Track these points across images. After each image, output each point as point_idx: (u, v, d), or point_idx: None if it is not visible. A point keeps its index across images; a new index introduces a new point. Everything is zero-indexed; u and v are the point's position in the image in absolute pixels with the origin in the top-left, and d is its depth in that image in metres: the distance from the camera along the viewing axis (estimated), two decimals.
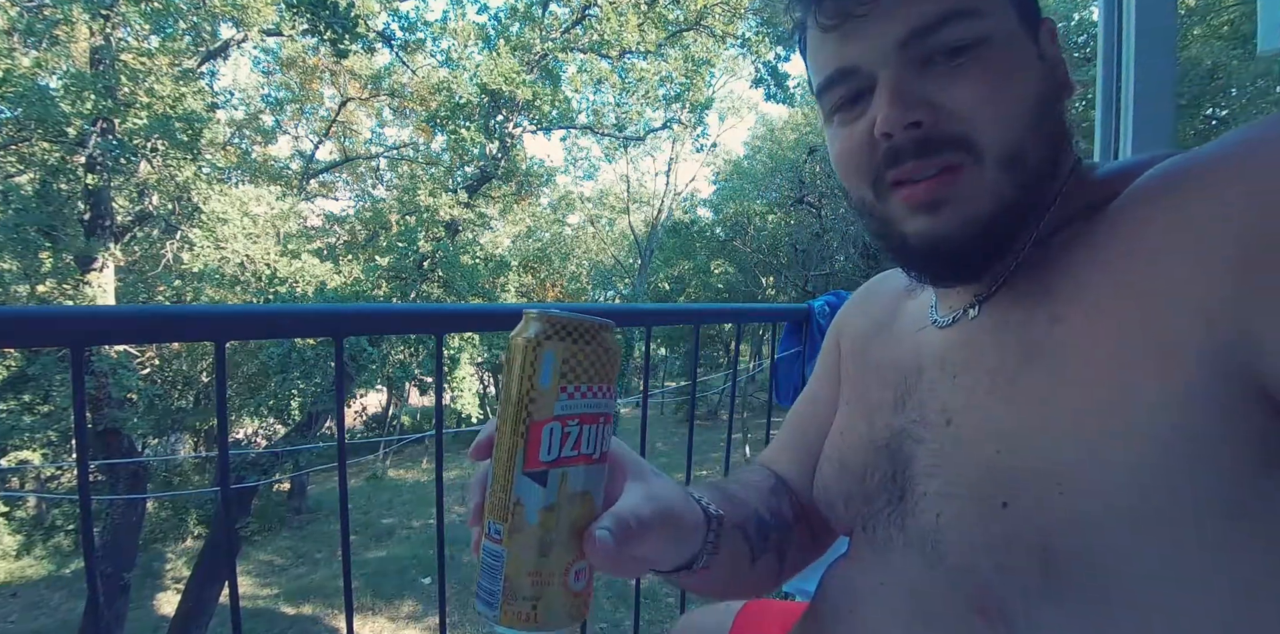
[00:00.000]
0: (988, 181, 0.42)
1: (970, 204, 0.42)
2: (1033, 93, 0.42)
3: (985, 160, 0.41)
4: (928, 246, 0.44)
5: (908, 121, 0.41)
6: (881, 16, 0.42)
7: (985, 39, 0.41)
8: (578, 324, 0.38)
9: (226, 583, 0.94)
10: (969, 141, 0.41)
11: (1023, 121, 0.42)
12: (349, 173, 15.95)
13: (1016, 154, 0.41)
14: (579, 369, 0.37)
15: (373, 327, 0.97)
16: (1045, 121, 0.43)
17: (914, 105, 0.41)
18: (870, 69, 0.43)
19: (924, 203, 0.43)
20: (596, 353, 0.38)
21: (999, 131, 0.41)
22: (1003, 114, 0.41)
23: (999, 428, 0.41)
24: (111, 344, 4.09)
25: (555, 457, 0.36)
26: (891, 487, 0.50)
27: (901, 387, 0.52)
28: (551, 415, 0.36)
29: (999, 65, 0.41)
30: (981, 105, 0.41)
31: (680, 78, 10.43)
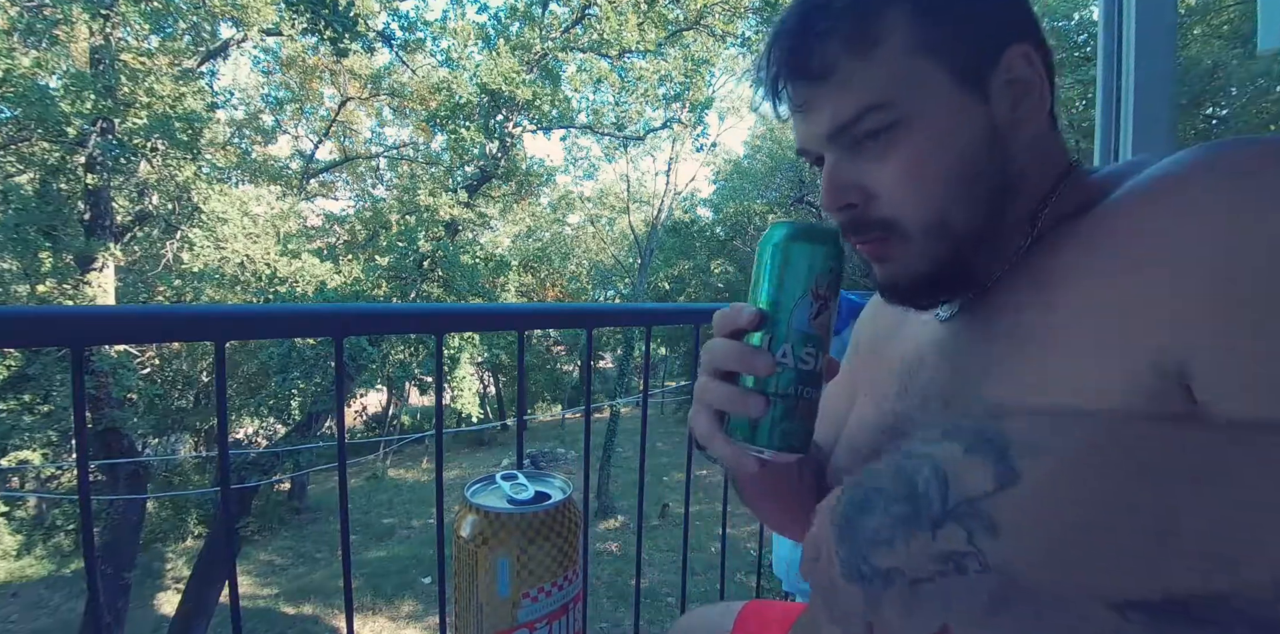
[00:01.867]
0: (915, 249, 0.47)
1: (905, 264, 0.48)
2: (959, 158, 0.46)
3: (911, 234, 0.47)
4: (887, 287, 0.51)
5: (839, 205, 0.48)
6: (814, 112, 0.47)
7: (900, 122, 0.45)
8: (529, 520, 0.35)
9: (226, 583, 0.94)
10: (892, 222, 0.47)
11: (944, 197, 0.46)
12: (349, 173, 15.95)
13: (939, 224, 0.46)
14: (538, 570, 0.35)
15: (373, 326, 0.97)
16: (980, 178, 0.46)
17: (844, 191, 0.48)
18: (816, 151, 0.50)
19: (873, 257, 0.50)
20: (555, 543, 0.36)
21: (918, 211, 0.46)
22: (920, 194, 0.46)
23: (986, 409, 0.44)
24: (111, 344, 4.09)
25: None
26: None
27: (906, 375, 0.55)
28: (515, 624, 0.34)
29: (917, 146, 0.45)
30: (899, 189, 0.46)
31: (680, 77, 10.43)
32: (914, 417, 0.51)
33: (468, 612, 0.36)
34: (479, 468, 15.46)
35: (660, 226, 16.03)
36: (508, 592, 0.35)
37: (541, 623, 0.35)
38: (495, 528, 0.35)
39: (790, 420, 0.42)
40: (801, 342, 0.42)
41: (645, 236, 16.32)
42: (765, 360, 0.43)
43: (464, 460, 16.37)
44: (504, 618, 0.35)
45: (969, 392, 0.47)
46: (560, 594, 0.36)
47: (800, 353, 0.42)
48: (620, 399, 13.46)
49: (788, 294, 0.43)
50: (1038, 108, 0.48)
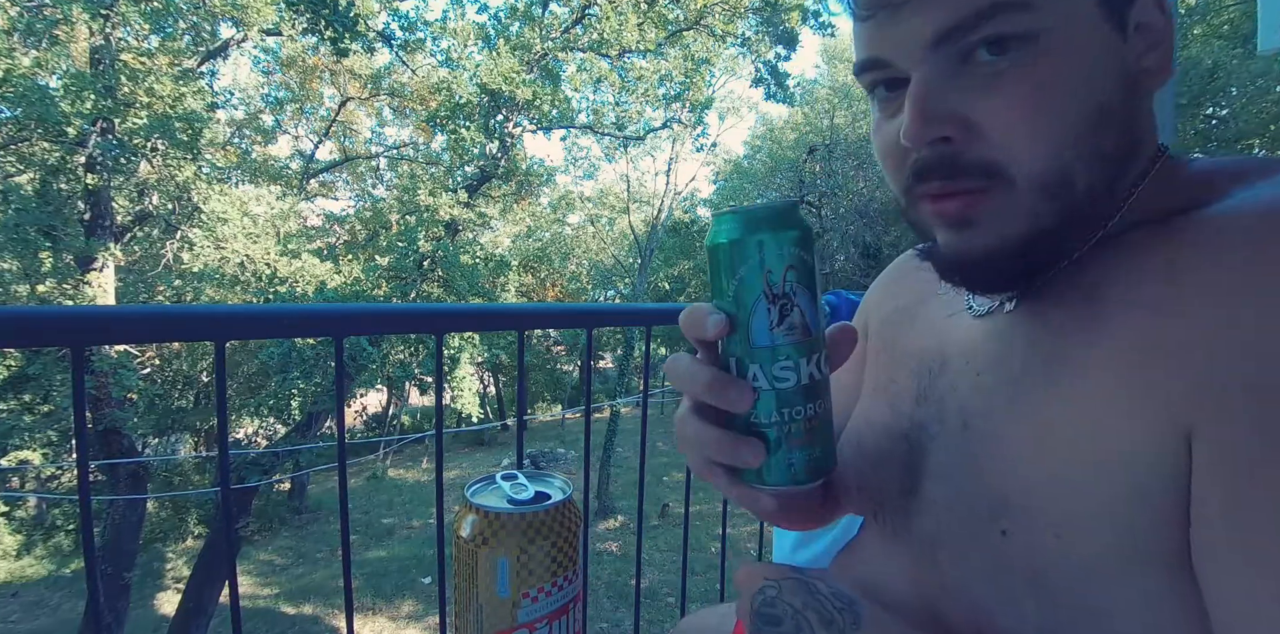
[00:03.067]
0: (1022, 206, 0.37)
1: (1000, 227, 0.38)
2: (1093, 100, 0.37)
3: (1019, 186, 0.37)
4: (955, 260, 0.41)
5: (932, 138, 0.38)
6: (916, 8, 0.37)
7: (1036, 36, 0.35)
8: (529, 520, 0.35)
9: (227, 583, 0.94)
10: (999, 168, 0.37)
11: (1069, 144, 0.36)
12: (349, 173, 15.95)
13: (1059, 181, 0.37)
14: (538, 570, 0.34)
15: (373, 326, 0.97)
16: (1109, 128, 0.37)
17: (940, 120, 0.37)
18: (902, 65, 0.39)
19: (953, 220, 0.39)
20: (554, 543, 0.35)
21: (1037, 159, 0.36)
22: (1044, 138, 0.36)
23: (1008, 447, 0.39)
24: (111, 344, 4.10)
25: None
26: (905, 479, 0.48)
27: (925, 377, 0.49)
28: (514, 625, 0.34)
29: (1049, 72, 0.36)
30: (1018, 127, 0.36)
31: (680, 77, 10.43)
32: (930, 429, 0.47)
33: (467, 612, 0.36)
34: (479, 468, 15.45)
35: (660, 226, 16.03)
36: (507, 592, 0.34)
37: (541, 623, 0.35)
38: (495, 528, 0.35)
39: (796, 449, 0.36)
40: (769, 358, 0.35)
41: (645, 236, 16.32)
42: (741, 395, 0.36)
43: (464, 460, 16.37)
44: (504, 618, 0.35)
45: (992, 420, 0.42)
46: (560, 594, 0.36)
47: (772, 371, 0.35)
48: (620, 399, 13.46)
49: (740, 304, 0.35)
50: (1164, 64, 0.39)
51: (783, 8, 9.52)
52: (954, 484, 0.43)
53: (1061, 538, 0.35)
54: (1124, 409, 0.34)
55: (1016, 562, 0.37)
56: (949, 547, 0.43)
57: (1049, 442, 0.37)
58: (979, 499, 0.40)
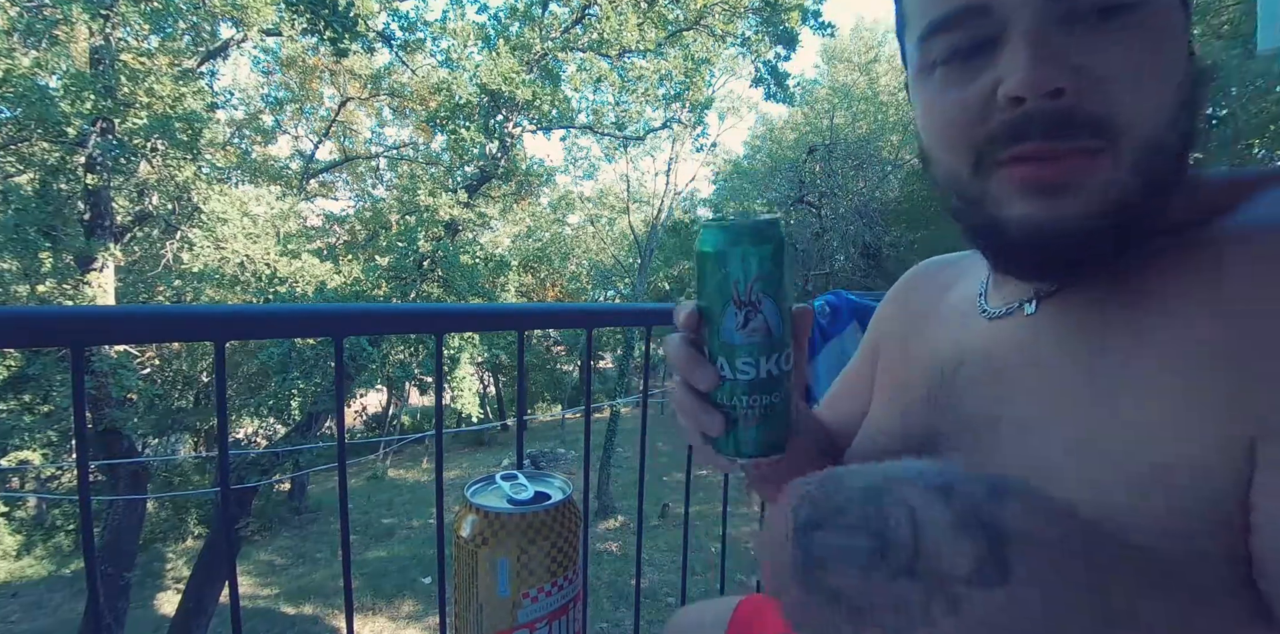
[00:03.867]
0: (1123, 174, 0.35)
1: (1098, 196, 0.36)
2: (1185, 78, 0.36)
3: (1123, 149, 0.35)
4: (1032, 235, 0.37)
5: (1051, 87, 0.34)
6: None
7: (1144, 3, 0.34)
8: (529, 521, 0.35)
9: (226, 583, 0.94)
10: (1113, 126, 0.35)
11: (1170, 109, 0.35)
12: (349, 173, 15.95)
13: (1159, 147, 0.35)
14: (538, 570, 0.35)
15: (373, 326, 0.97)
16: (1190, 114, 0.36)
17: (1059, 68, 0.34)
18: (1004, 13, 0.36)
19: (1047, 185, 0.36)
20: (554, 543, 0.36)
21: (1145, 117, 0.35)
22: (1156, 99, 0.35)
23: (1040, 456, 0.37)
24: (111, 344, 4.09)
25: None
26: None
27: (938, 379, 0.47)
28: (515, 625, 0.34)
29: (1157, 36, 0.34)
30: (1134, 82, 0.34)
31: (680, 77, 10.43)
32: (949, 438, 0.45)
33: (467, 612, 0.36)
34: (479, 468, 15.45)
35: (660, 226, 16.03)
36: (507, 592, 0.35)
37: (541, 623, 0.35)
38: (495, 528, 0.35)
39: (753, 429, 0.40)
40: (733, 353, 0.39)
41: (645, 236, 16.32)
42: (706, 375, 0.40)
43: (464, 460, 16.37)
44: (504, 618, 0.35)
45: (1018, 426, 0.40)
46: (560, 594, 0.36)
47: (737, 364, 0.39)
48: (620, 399, 13.46)
49: (713, 305, 0.40)
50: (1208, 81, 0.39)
51: (783, 8, 9.52)
52: None
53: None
54: (1181, 414, 0.32)
55: None
56: None
57: (1094, 445, 0.35)
58: None
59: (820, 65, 19.49)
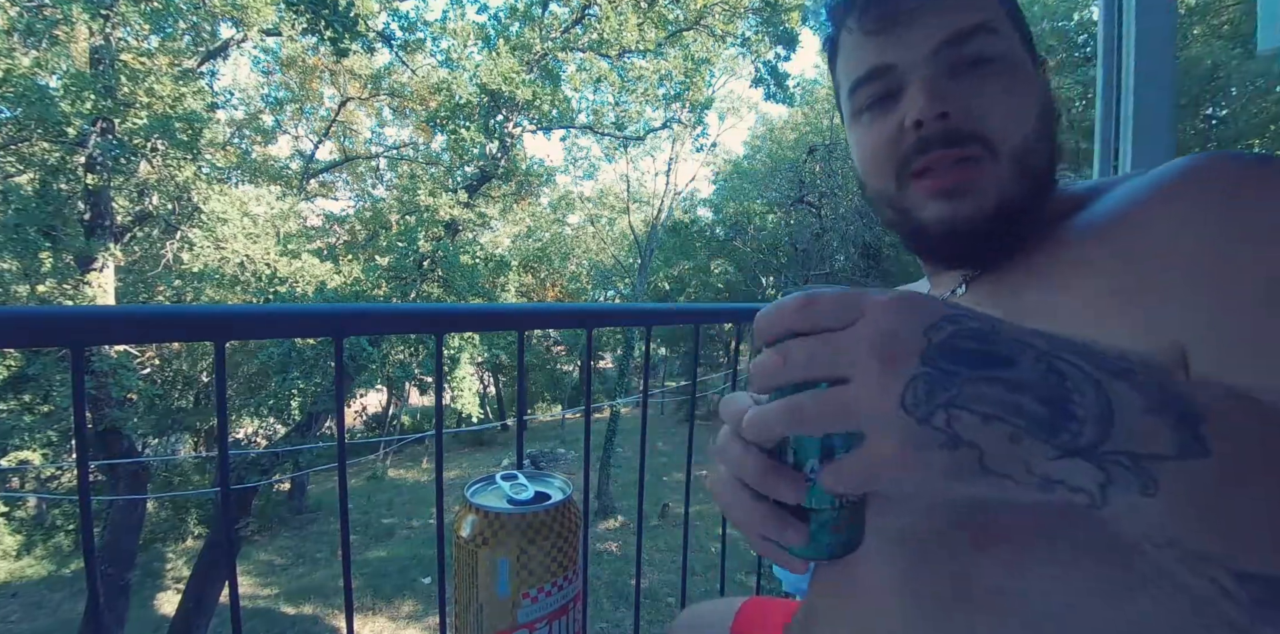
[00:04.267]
0: (1001, 176, 0.47)
1: (984, 195, 0.47)
2: (1037, 109, 0.48)
3: (1000, 158, 0.47)
4: (944, 231, 0.49)
5: (939, 111, 0.46)
6: (919, 25, 0.48)
7: (1003, 56, 0.47)
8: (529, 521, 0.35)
9: (226, 583, 0.94)
10: (987, 139, 0.47)
11: (1030, 130, 0.47)
12: (349, 173, 15.96)
13: (1026, 157, 0.47)
14: (538, 570, 0.34)
15: (373, 326, 0.97)
16: (1045, 136, 0.49)
17: (945, 98, 0.47)
18: (905, 69, 0.49)
19: (945, 190, 0.48)
20: (554, 543, 0.35)
21: (1012, 135, 0.47)
22: (1016, 120, 0.47)
23: None
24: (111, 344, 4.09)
25: None
26: None
27: None
28: (515, 625, 0.34)
29: (1013, 80, 0.47)
30: (999, 109, 0.47)
31: (680, 77, 10.43)
32: None
33: (467, 612, 0.36)
34: (479, 468, 15.45)
35: (660, 226, 16.03)
36: (507, 592, 0.34)
37: (541, 623, 0.35)
38: (495, 528, 0.35)
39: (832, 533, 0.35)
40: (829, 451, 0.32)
41: (645, 236, 16.33)
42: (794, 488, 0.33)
43: (464, 460, 16.37)
44: (504, 618, 0.35)
45: None
46: (560, 594, 0.36)
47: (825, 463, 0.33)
48: (620, 399, 13.46)
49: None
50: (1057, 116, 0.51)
51: (783, 8, 9.52)
52: None
53: None
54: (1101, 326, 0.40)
55: None
56: None
57: None
58: None
59: (820, 65, 19.50)
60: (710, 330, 15.05)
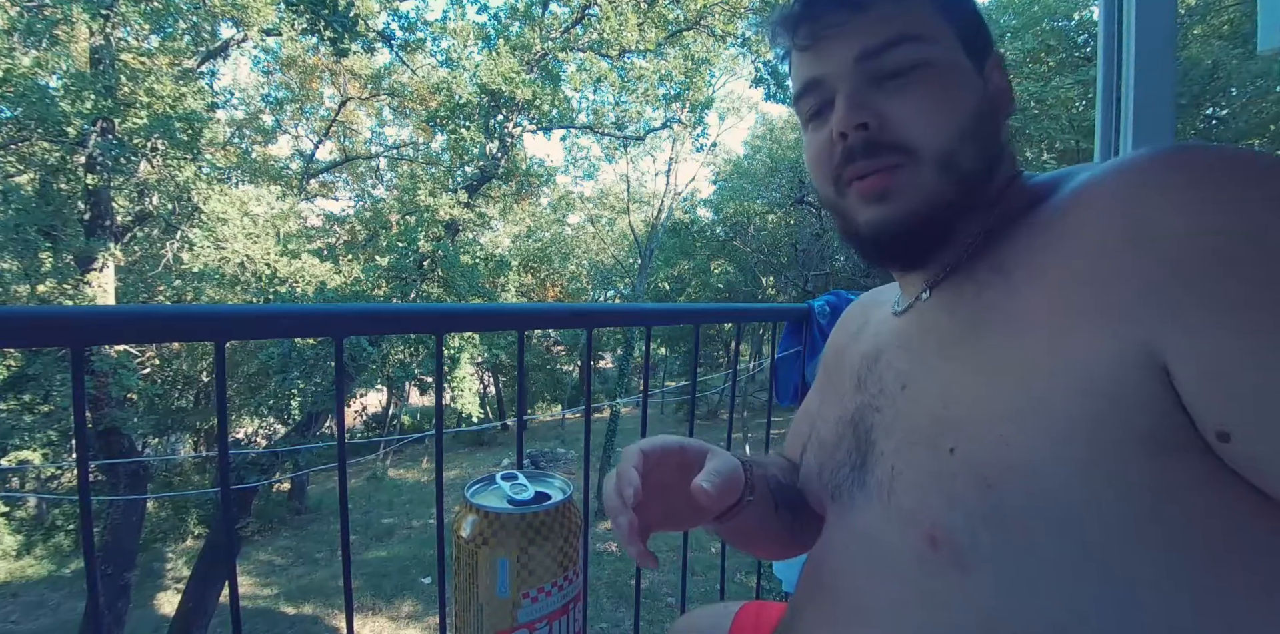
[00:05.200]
0: (925, 179, 0.48)
1: (911, 196, 0.49)
2: (969, 109, 0.49)
3: (923, 162, 0.48)
4: (876, 232, 0.51)
5: (857, 123, 0.49)
6: (843, 38, 0.50)
7: (927, 62, 0.48)
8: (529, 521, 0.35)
9: (226, 583, 0.94)
10: (908, 146, 0.48)
11: (956, 132, 0.48)
12: (349, 173, 15.94)
13: (950, 159, 0.48)
14: (538, 570, 0.35)
15: (373, 326, 0.97)
16: (980, 135, 0.49)
17: (863, 111, 0.49)
18: (832, 82, 0.51)
19: (873, 193, 0.50)
20: (555, 544, 0.36)
21: (934, 140, 0.48)
22: (937, 125, 0.48)
23: (947, 384, 0.47)
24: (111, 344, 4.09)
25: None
26: (855, 454, 0.55)
27: (863, 369, 0.58)
28: (514, 625, 0.34)
29: (938, 84, 0.48)
30: (919, 116, 0.48)
31: (680, 77, 10.42)
32: (874, 404, 0.54)
33: (467, 612, 0.36)
34: (479, 468, 15.45)
35: (660, 226, 16.03)
36: (507, 592, 0.35)
37: (541, 623, 0.35)
38: (495, 528, 0.35)
39: None
40: None
41: (645, 236, 16.32)
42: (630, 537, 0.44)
43: (464, 460, 16.37)
44: (504, 618, 0.35)
45: (928, 372, 0.49)
46: (560, 594, 0.36)
47: None
48: (620, 399, 13.45)
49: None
50: (1006, 110, 0.52)
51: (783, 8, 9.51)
52: (903, 432, 0.50)
53: (1006, 439, 0.41)
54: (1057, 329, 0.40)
55: (965, 470, 0.43)
56: (904, 480, 0.48)
57: (984, 368, 0.44)
58: (924, 433, 0.47)
59: None
60: (710, 330, 15.04)
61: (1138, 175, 0.41)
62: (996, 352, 0.44)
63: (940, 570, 0.43)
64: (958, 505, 0.43)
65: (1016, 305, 0.44)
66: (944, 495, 0.44)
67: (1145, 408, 0.37)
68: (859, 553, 0.51)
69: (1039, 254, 0.44)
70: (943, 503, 0.44)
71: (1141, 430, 0.37)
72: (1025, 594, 0.40)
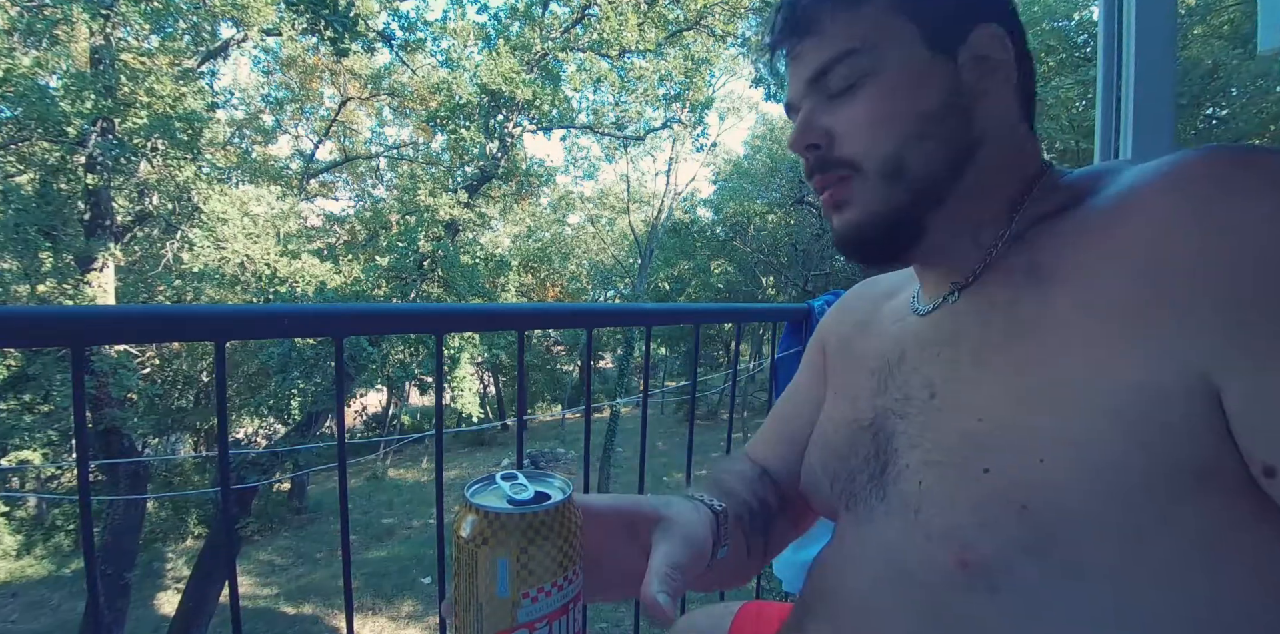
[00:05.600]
0: (872, 190, 0.50)
1: (863, 204, 0.51)
2: (919, 110, 0.48)
3: (868, 173, 0.49)
4: (842, 238, 0.53)
5: (805, 144, 0.52)
6: (799, 63, 0.52)
7: (870, 72, 0.48)
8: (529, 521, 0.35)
9: (226, 583, 0.94)
10: (852, 161, 0.50)
11: (897, 140, 0.48)
12: (349, 173, 15.95)
13: (895, 165, 0.49)
14: (538, 570, 0.35)
15: (373, 326, 0.97)
16: (937, 132, 0.48)
17: (811, 133, 0.51)
18: (797, 105, 0.53)
19: (831, 204, 0.53)
20: (554, 544, 0.36)
21: (873, 151, 0.49)
22: (877, 136, 0.49)
23: (981, 398, 0.45)
24: (111, 344, 4.10)
25: None
26: (874, 462, 0.53)
27: (884, 371, 0.56)
28: (514, 625, 0.35)
29: (877, 94, 0.49)
30: (858, 130, 0.49)
31: (680, 77, 10.42)
32: (896, 410, 0.52)
33: (467, 612, 0.36)
34: (479, 468, 15.45)
35: (660, 226, 16.04)
36: (507, 592, 0.35)
37: (541, 623, 0.35)
38: (495, 528, 0.35)
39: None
40: None
41: (645, 236, 16.33)
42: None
43: (464, 460, 16.37)
44: (503, 618, 0.35)
45: (960, 382, 0.47)
46: (560, 594, 0.36)
47: None
48: (620, 399, 13.46)
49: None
50: (1003, 85, 0.50)
51: None
52: (930, 444, 0.47)
53: (1046, 463, 0.39)
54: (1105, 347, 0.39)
55: (1001, 492, 0.41)
56: (933, 498, 0.46)
57: (1023, 384, 0.42)
58: (956, 448, 0.45)
59: None
60: (710, 330, 15.04)
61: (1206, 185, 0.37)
62: (1036, 366, 0.42)
63: (968, 591, 0.42)
64: (992, 529, 0.41)
65: (1060, 318, 0.42)
66: (977, 517, 0.42)
67: (1196, 438, 0.35)
68: (878, 566, 0.49)
69: (1083, 263, 0.42)
70: (975, 524, 0.42)
71: (1191, 462, 0.35)
72: (1056, 622, 0.39)
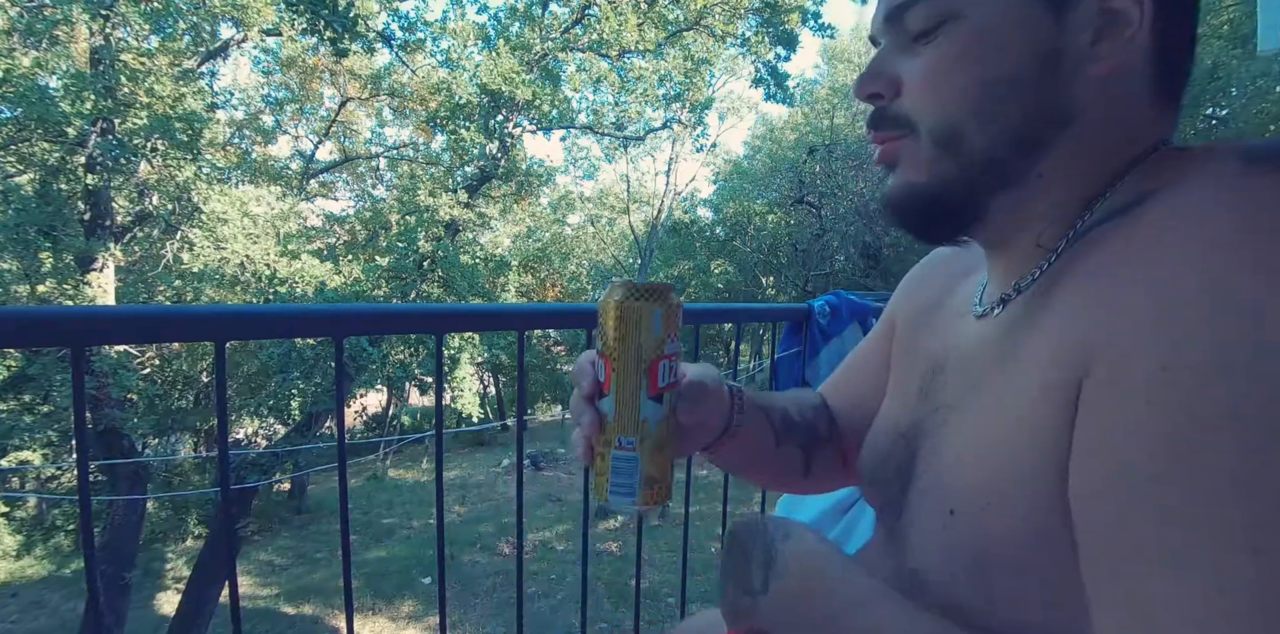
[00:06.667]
0: (924, 154, 0.45)
1: (911, 168, 0.46)
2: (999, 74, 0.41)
3: (922, 136, 0.44)
4: (888, 201, 0.48)
5: (865, 93, 0.47)
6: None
7: (954, 16, 0.41)
8: (667, 290, 0.50)
9: (226, 583, 0.94)
10: (909, 121, 0.45)
11: (965, 101, 0.42)
12: (349, 173, 15.93)
13: (951, 133, 0.43)
14: (672, 321, 0.49)
15: (373, 327, 0.97)
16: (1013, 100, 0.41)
17: (876, 80, 0.46)
18: (879, 39, 0.48)
19: (883, 162, 0.48)
20: (677, 308, 0.50)
21: (934, 113, 0.43)
22: (942, 95, 0.43)
23: (960, 436, 0.44)
24: (111, 344, 4.10)
25: (665, 383, 0.49)
26: (900, 478, 0.51)
27: (928, 376, 0.53)
28: (663, 354, 0.49)
29: (958, 47, 0.42)
30: (923, 84, 0.44)
31: (680, 77, 10.42)
32: (925, 426, 0.50)
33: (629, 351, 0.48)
34: (479, 468, 15.45)
35: (660, 226, 16.03)
36: (660, 331, 0.48)
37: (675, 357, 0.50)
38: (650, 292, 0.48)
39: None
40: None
41: (645, 236, 16.33)
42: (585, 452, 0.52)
43: (464, 460, 16.37)
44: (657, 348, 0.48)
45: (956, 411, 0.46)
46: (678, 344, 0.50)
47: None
48: None
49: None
50: (1122, 51, 0.40)
51: (783, 8, 9.51)
52: (929, 476, 0.47)
53: (989, 511, 0.39)
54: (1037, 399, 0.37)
55: (961, 539, 0.41)
56: (916, 532, 0.46)
57: (987, 429, 0.41)
58: (938, 487, 0.45)
59: (820, 65, 19.51)
60: (710, 330, 15.03)
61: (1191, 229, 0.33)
62: (1007, 401, 0.40)
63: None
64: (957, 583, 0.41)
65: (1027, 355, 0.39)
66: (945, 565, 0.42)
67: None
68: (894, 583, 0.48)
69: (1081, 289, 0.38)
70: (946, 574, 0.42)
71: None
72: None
